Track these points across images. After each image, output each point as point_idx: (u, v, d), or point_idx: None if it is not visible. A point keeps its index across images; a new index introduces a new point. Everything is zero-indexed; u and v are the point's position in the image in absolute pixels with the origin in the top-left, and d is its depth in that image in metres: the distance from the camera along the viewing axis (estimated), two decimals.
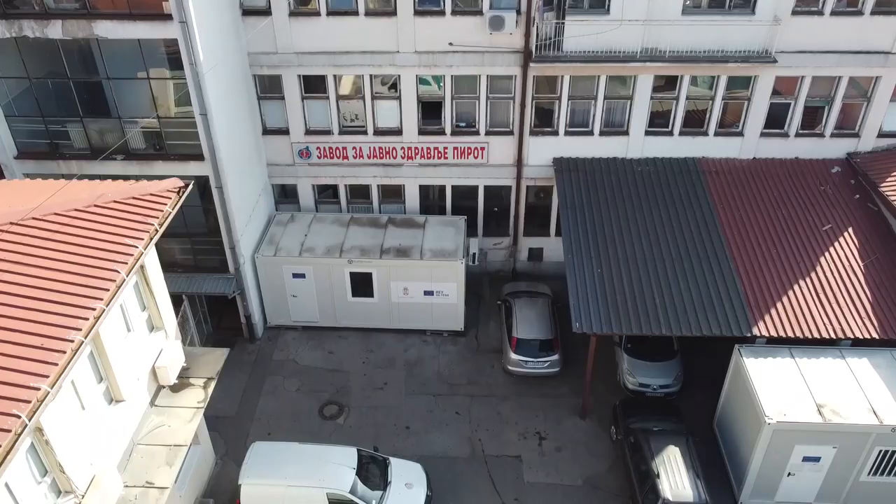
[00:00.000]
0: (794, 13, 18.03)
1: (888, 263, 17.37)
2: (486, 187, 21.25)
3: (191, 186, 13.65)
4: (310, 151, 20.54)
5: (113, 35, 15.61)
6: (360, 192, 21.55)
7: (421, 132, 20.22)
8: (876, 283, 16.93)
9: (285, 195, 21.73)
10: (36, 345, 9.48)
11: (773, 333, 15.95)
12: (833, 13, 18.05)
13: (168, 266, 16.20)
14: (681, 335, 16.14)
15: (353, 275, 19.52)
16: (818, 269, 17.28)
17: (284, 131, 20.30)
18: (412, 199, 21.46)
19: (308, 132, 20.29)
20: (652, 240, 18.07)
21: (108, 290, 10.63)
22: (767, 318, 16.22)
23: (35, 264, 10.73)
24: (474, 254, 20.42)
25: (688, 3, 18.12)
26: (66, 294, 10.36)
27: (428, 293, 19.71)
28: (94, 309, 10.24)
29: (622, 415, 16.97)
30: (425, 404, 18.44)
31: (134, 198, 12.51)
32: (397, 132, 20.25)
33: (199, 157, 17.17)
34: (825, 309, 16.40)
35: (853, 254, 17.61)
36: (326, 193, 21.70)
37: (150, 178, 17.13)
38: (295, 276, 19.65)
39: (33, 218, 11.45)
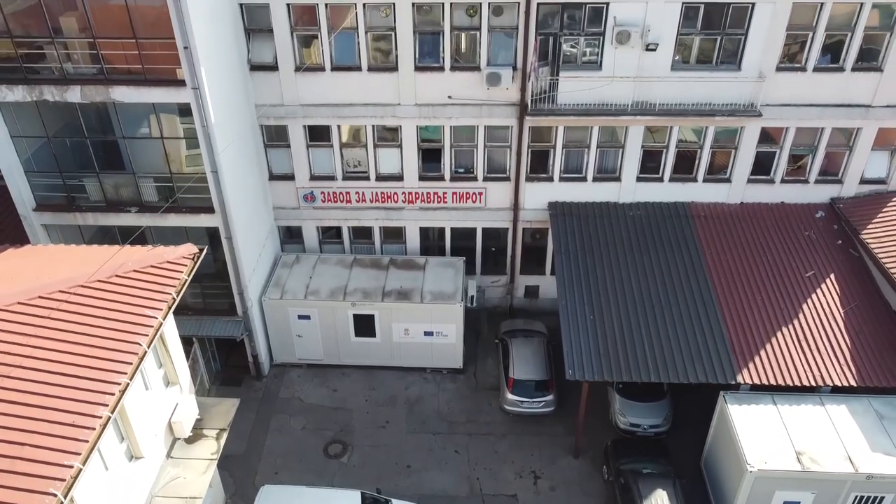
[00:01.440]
0: (779, 69, 18.85)
1: (867, 310, 18.18)
2: (483, 229, 22.07)
3: (204, 251, 14.46)
4: (314, 196, 21.36)
5: (129, 99, 16.45)
6: (362, 234, 22.38)
7: (421, 178, 21.04)
8: (855, 330, 17.74)
9: (290, 236, 22.55)
10: (67, 422, 10.29)
11: (757, 381, 16.76)
12: (815, 70, 18.87)
13: (179, 309, 16.87)
14: (669, 382, 16.95)
15: (356, 316, 20.34)
16: (801, 315, 18.10)
17: (290, 177, 21.12)
18: (413, 239, 22.28)
19: (313, 178, 21.12)
20: (642, 286, 18.88)
21: (131, 363, 11.44)
22: (751, 365, 17.03)
23: (61, 338, 11.54)
24: (472, 296, 21.23)
25: (677, 58, 18.95)
26: (92, 369, 11.17)
27: (428, 334, 20.53)
28: (118, 384, 11.06)
29: (613, 456, 17.78)
30: (426, 443, 19.25)
31: (152, 266, 13.33)
32: (398, 178, 21.07)
33: (210, 209, 17.98)
34: (806, 356, 17.21)
35: (834, 301, 18.42)
36: (330, 234, 22.52)
37: (162, 229, 18.15)
38: (300, 317, 20.47)
39: (59, 291, 12.26)
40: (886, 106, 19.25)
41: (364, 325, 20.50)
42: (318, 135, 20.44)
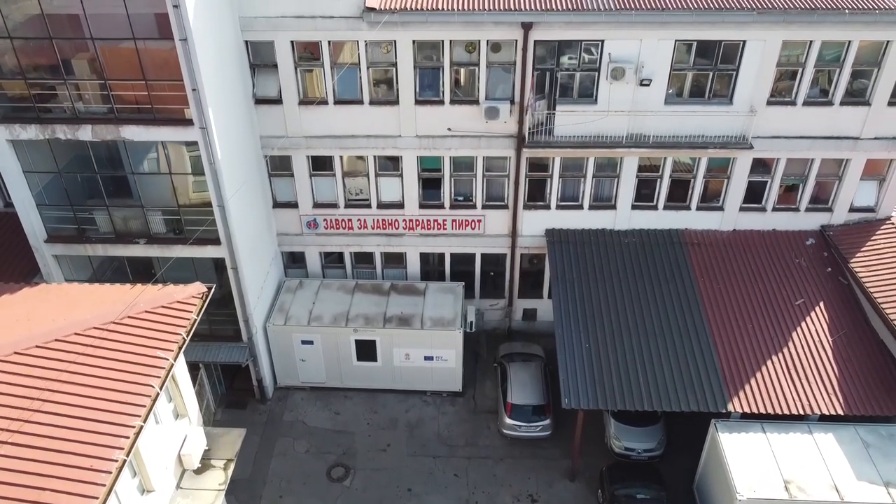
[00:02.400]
0: (769, 103, 19.36)
1: (855, 338, 18.70)
2: (482, 255, 22.60)
3: (212, 290, 14.98)
4: (317, 223, 21.89)
5: (138, 138, 16.99)
6: (364, 259, 22.91)
7: (421, 206, 21.56)
8: (843, 358, 18.26)
9: (294, 261, 23.08)
10: (84, 466, 10.81)
11: (747, 409, 17.27)
12: (805, 103, 19.39)
13: None
14: (662, 410, 17.47)
15: (358, 342, 20.87)
16: (790, 344, 18.61)
17: (293, 205, 21.64)
18: (413, 264, 22.81)
19: (315, 205, 21.65)
20: (637, 314, 19.39)
21: (144, 406, 11.97)
22: (742, 394, 17.55)
23: (77, 381, 12.05)
24: (471, 322, 21.76)
25: (670, 91, 19.47)
26: (107, 412, 11.69)
27: (428, 358, 21.06)
28: (133, 427, 11.58)
29: (608, 480, 18.31)
30: (426, 466, 19.78)
31: (163, 306, 13.86)
32: (399, 206, 21.60)
33: (216, 241, 18.51)
34: (795, 385, 17.73)
35: (823, 329, 18.94)
36: (332, 259, 23.05)
37: (169, 259, 18.66)
38: (304, 342, 21.00)
39: (75, 334, 12.79)
40: (874, 138, 19.76)
41: (366, 350, 21.03)
42: (320, 164, 20.97)
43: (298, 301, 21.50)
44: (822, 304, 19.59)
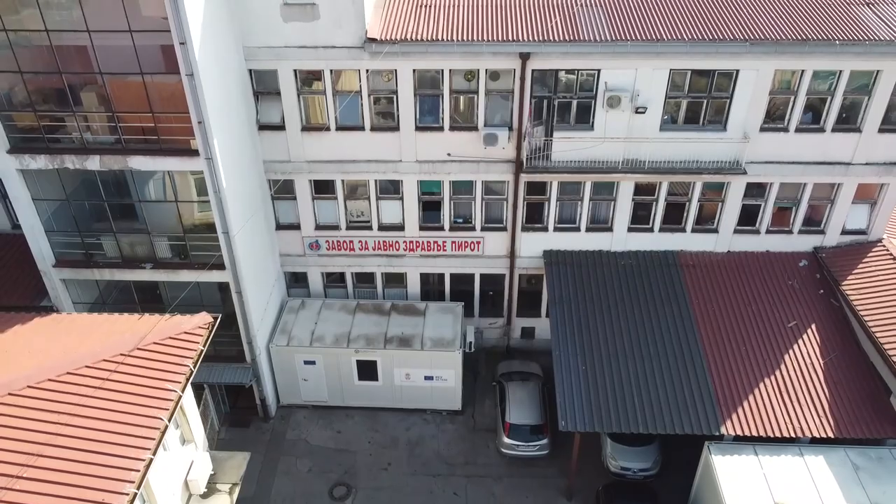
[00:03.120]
0: (762, 130, 19.76)
1: (845, 361, 19.10)
2: (482, 275, 23.01)
3: (218, 319, 15.39)
4: (319, 244, 22.30)
5: (145, 168, 17.42)
6: (365, 279, 23.32)
7: (422, 228, 21.97)
8: (834, 381, 18.67)
9: (296, 281, 23.49)
10: (96, 500, 11.23)
11: (739, 432, 17.67)
12: (797, 130, 19.78)
13: None
14: (657, 433, 17.87)
15: (359, 362, 21.28)
16: (782, 367, 19.01)
17: (296, 227, 22.05)
18: (413, 284, 23.22)
19: (318, 227, 22.06)
20: (633, 336, 19.79)
21: (154, 438, 12.39)
22: (734, 416, 17.95)
23: (89, 415, 12.47)
24: (470, 342, 22.16)
25: (665, 117, 19.87)
26: (118, 445, 12.11)
27: (428, 378, 21.47)
28: (143, 460, 11.99)
29: (604, 499, 18.74)
30: (426, 485, 20.18)
31: (170, 337, 14.28)
32: (400, 228, 22.00)
33: (221, 266, 18.92)
34: (787, 408, 18.13)
35: (815, 351, 19.34)
36: (334, 279, 23.45)
37: (175, 284, 19.06)
38: (306, 362, 21.41)
39: (86, 366, 13.20)
40: (865, 163, 20.15)
41: (367, 370, 21.44)
42: (323, 188, 21.37)
43: (301, 321, 21.91)
44: (813, 326, 19.99)
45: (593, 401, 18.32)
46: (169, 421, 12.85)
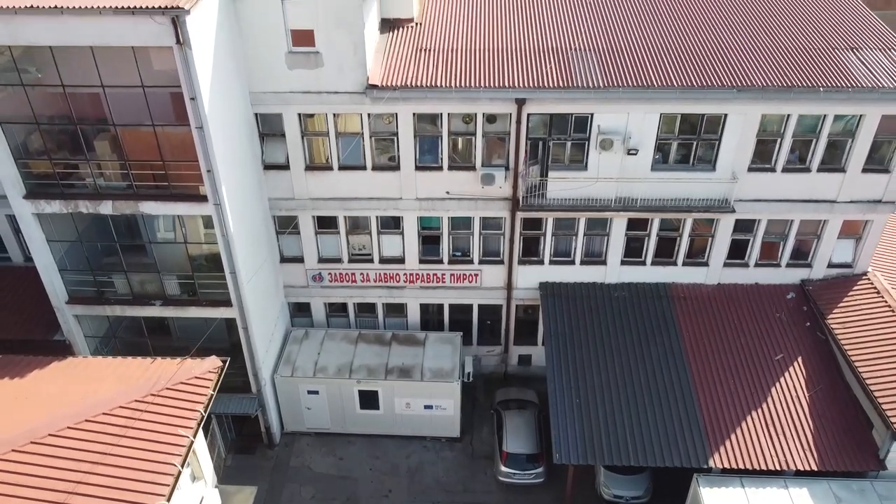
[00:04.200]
0: (750, 170, 20.46)
1: (830, 394, 19.80)
2: (479, 305, 23.73)
3: (227, 363, 16.11)
4: (322, 276, 23.01)
5: (155, 212, 18.15)
6: (366, 309, 24.03)
7: (421, 261, 22.67)
8: (819, 414, 19.37)
9: (300, 310, 24.19)
10: None
11: (727, 465, 18.38)
12: (784, 170, 20.48)
13: None
14: (647, 465, 18.58)
15: (361, 392, 21.99)
16: (769, 400, 19.71)
17: (300, 259, 22.76)
18: (413, 314, 23.94)
19: (321, 260, 22.77)
20: (625, 370, 20.49)
21: (168, 484, 13.09)
22: (722, 450, 18.65)
23: (105, 462, 13.17)
24: (469, 372, 22.85)
25: (657, 156, 20.58)
26: (133, 492, 12.80)
27: (427, 407, 22.18)
28: None
29: None
30: None
31: (182, 383, 15.00)
32: (400, 261, 22.71)
33: (228, 303, 19.63)
34: (773, 441, 18.83)
35: (801, 384, 20.05)
36: (336, 309, 24.16)
37: (184, 325, 19.76)
38: (309, 392, 22.13)
39: (103, 413, 13.91)
40: (850, 201, 20.85)
41: (368, 400, 22.15)
42: (325, 223, 22.08)
43: (304, 352, 22.62)
44: (800, 359, 20.69)
45: (586, 434, 19.03)
46: (182, 466, 13.55)
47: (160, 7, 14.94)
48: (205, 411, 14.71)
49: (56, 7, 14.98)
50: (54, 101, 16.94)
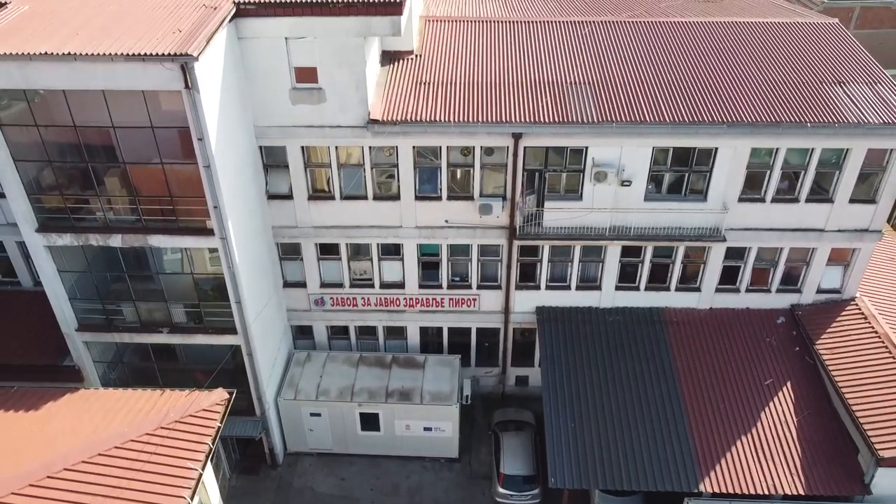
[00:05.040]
0: (741, 200, 21.05)
1: (818, 419, 20.38)
2: (478, 328, 24.33)
3: (234, 394, 16.70)
4: (324, 300, 23.60)
5: (163, 245, 18.76)
6: (367, 331, 24.63)
7: (421, 286, 23.27)
8: (806, 439, 19.96)
9: (302, 333, 24.78)
10: None
11: (717, 490, 18.94)
12: (773, 200, 21.07)
13: None
14: (640, 490, 19.18)
15: (362, 414, 22.59)
16: (759, 424, 20.29)
17: (302, 284, 23.35)
18: (413, 336, 24.54)
19: (323, 285, 23.36)
20: (619, 394, 21.06)
21: None
22: (712, 473, 19.22)
23: (117, 496, 13.74)
24: (467, 395, 23.43)
25: (650, 187, 21.17)
26: None
27: (427, 429, 22.78)
28: None
29: None
30: None
31: (190, 415, 15.58)
32: (400, 286, 23.31)
33: (233, 331, 20.23)
34: (762, 465, 19.41)
35: (790, 409, 20.63)
36: (338, 331, 24.75)
37: (191, 350, 20.35)
38: (312, 414, 22.72)
39: (115, 447, 14.51)
40: (838, 230, 21.44)
41: (369, 422, 22.75)
42: (327, 250, 22.67)
43: (307, 375, 23.21)
44: (789, 383, 21.28)
45: (581, 458, 19.61)
46: (192, 499, 14.14)
47: (170, 54, 15.52)
48: (213, 443, 15.29)
49: (69, 53, 15.58)
50: (66, 139, 17.50)
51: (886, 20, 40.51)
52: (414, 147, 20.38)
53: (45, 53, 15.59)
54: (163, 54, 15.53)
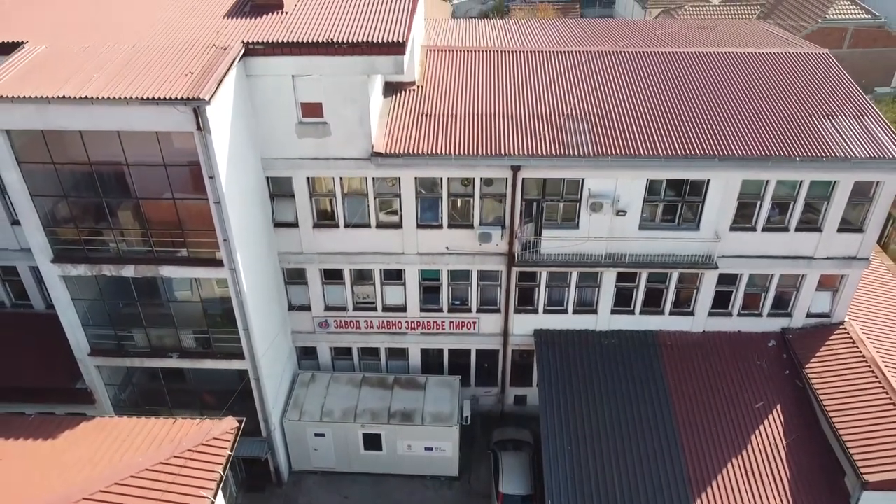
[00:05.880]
0: (732, 229, 21.73)
1: (807, 442, 21.04)
2: (477, 350, 25.02)
3: (243, 422, 17.36)
4: (328, 323, 24.28)
5: (175, 275, 19.45)
6: (370, 353, 25.31)
7: (422, 309, 23.95)
8: (795, 462, 20.63)
9: (306, 354, 25.47)
10: None
11: None
12: (764, 230, 21.76)
13: None
14: None
15: (365, 435, 23.26)
16: (749, 447, 20.95)
17: (307, 308, 24.02)
18: (415, 358, 25.22)
19: (327, 308, 24.04)
20: (614, 416, 21.72)
21: None
22: (704, 496, 19.85)
23: None
24: (467, 416, 24.11)
25: (645, 215, 21.85)
26: None
27: (428, 449, 23.46)
28: None
29: None
30: None
31: (202, 444, 16.22)
32: (402, 309, 23.99)
33: (241, 356, 20.91)
34: (751, 487, 20.07)
35: (779, 432, 21.30)
36: (341, 352, 25.43)
37: (199, 373, 21.02)
38: (316, 434, 23.39)
39: (130, 476, 15.18)
40: (826, 258, 22.13)
41: (372, 442, 23.43)
42: (332, 275, 23.35)
43: (311, 396, 23.88)
44: (779, 406, 21.95)
45: (577, 480, 20.26)
46: None
47: (183, 98, 16.19)
48: (223, 472, 15.94)
49: (86, 97, 16.25)
50: (81, 175, 18.18)
51: (879, 39, 41.26)
52: (416, 178, 21.06)
53: (64, 97, 16.26)
54: (176, 98, 16.20)
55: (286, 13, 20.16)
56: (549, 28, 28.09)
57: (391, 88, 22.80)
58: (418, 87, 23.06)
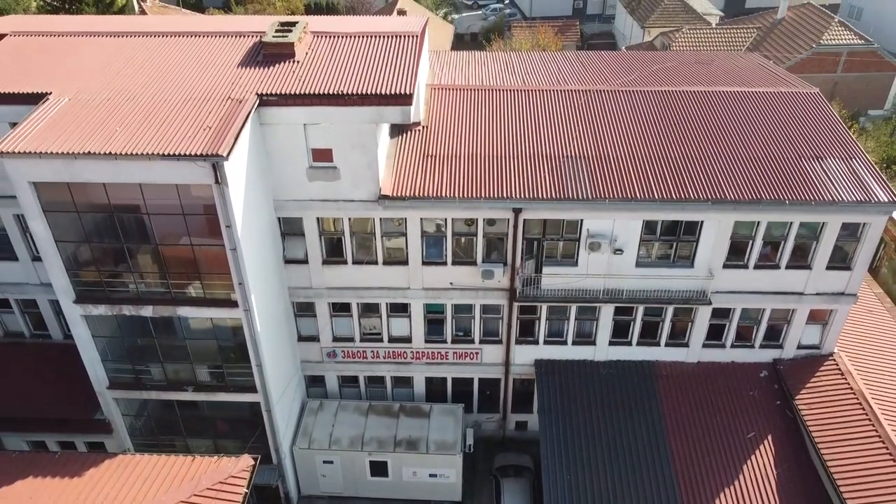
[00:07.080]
0: (725, 266, 22.63)
1: (797, 472, 21.92)
2: (480, 379, 25.92)
3: (258, 460, 18.25)
4: (336, 353, 25.17)
5: (191, 315, 20.34)
6: (376, 381, 26.21)
7: (427, 340, 24.84)
8: (785, 491, 21.52)
9: (315, 382, 26.35)
10: None
11: None
12: (756, 267, 22.65)
13: None
14: None
15: (372, 462, 24.16)
16: (741, 477, 21.85)
17: (315, 339, 24.92)
18: (419, 386, 26.12)
19: (335, 339, 24.93)
20: (611, 446, 22.62)
21: None
22: None
23: None
24: (470, 444, 25.00)
25: (641, 252, 22.74)
26: None
27: (432, 475, 24.35)
28: None
29: None
30: None
31: (220, 482, 17.15)
32: (407, 340, 24.88)
33: (253, 389, 21.80)
34: None
35: (770, 462, 22.19)
36: (348, 380, 26.31)
37: (213, 403, 21.90)
38: (325, 462, 24.29)
39: None
40: (816, 294, 23.02)
41: (379, 468, 24.32)
42: (340, 308, 24.24)
43: (320, 424, 24.76)
44: (770, 437, 22.84)
45: None
46: None
47: (202, 154, 17.08)
48: None
49: (111, 153, 17.15)
50: (103, 221, 19.07)
51: (872, 64, 42.13)
52: (421, 218, 21.95)
53: (89, 153, 17.14)
54: (195, 154, 17.08)
55: (297, 62, 21.05)
56: (550, 63, 28.94)
57: (397, 128, 23.66)
58: (423, 126, 23.92)
